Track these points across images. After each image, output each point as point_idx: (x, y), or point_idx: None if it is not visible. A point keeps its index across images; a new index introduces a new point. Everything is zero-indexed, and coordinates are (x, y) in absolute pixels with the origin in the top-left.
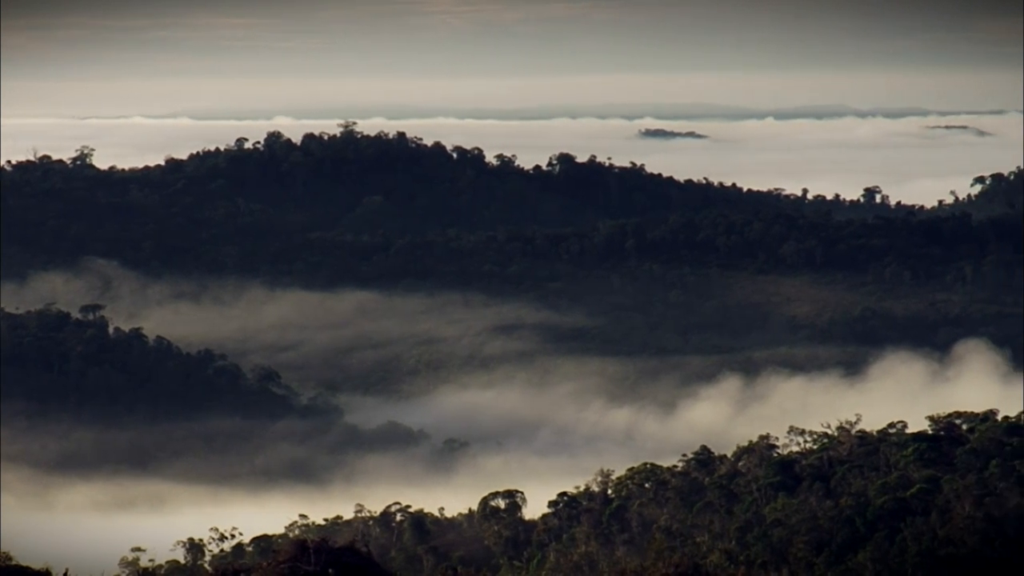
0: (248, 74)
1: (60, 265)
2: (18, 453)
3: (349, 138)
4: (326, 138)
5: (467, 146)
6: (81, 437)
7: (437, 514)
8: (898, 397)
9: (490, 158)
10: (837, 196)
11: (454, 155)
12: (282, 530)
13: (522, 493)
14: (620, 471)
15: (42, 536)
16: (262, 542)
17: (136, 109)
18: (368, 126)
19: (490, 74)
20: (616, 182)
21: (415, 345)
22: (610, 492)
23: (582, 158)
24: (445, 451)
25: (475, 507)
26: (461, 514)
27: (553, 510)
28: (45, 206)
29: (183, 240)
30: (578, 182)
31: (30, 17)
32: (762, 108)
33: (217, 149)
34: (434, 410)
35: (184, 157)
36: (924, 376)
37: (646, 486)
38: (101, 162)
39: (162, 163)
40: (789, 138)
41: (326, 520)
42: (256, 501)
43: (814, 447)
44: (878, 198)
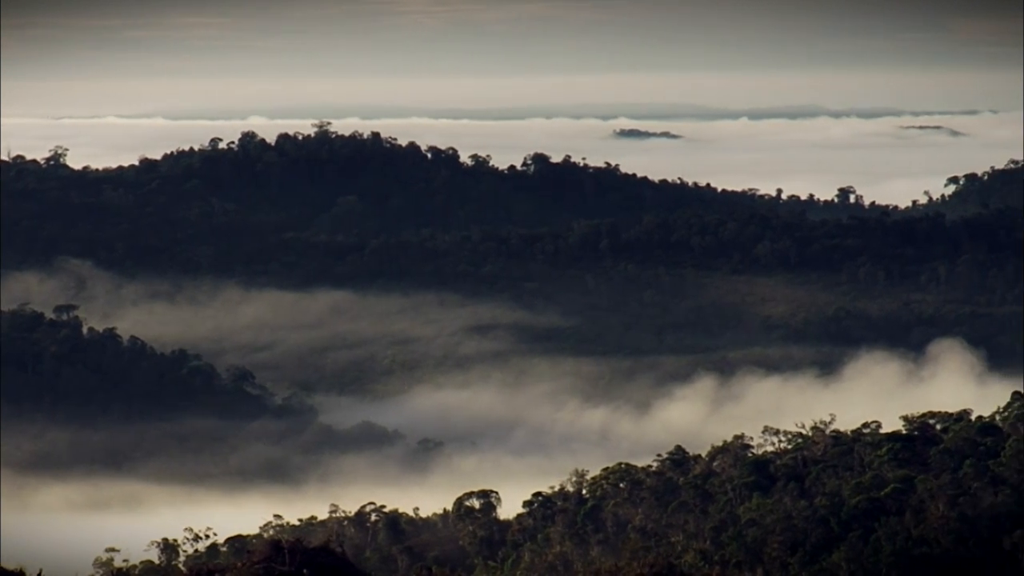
0: (222, 74)
1: (34, 265)
2: None
3: (324, 138)
4: (300, 138)
5: (442, 146)
6: (55, 437)
7: (412, 514)
8: (872, 397)
9: (465, 158)
10: (811, 196)
11: (429, 155)
12: (256, 530)
13: (497, 493)
14: (595, 471)
15: (16, 536)
16: (236, 542)
17: (110, 109)
18: (342, 126)
19: (464, 74)
20: (591, 182)
21: (390, 345)
22: (585, 492)
23: (557, 158)
24: (420, 451)
25: (450, 507)
26: (436, 514)
27: (528, 510)
28: (19, 206)
29: (157, 240)
30: (553, 182)
31: (2, 17)
32: (736, 108)
33: (191, 149)
34: (409, 410)
35: (158, 157)
36: (898, 376)
37: (621, 486)
38: (75, 162)
39: (136, 163)
40: (763, 138)
41: (300, 520)
42: (231, 501)
43: (788, 447)
44: (852, 198)
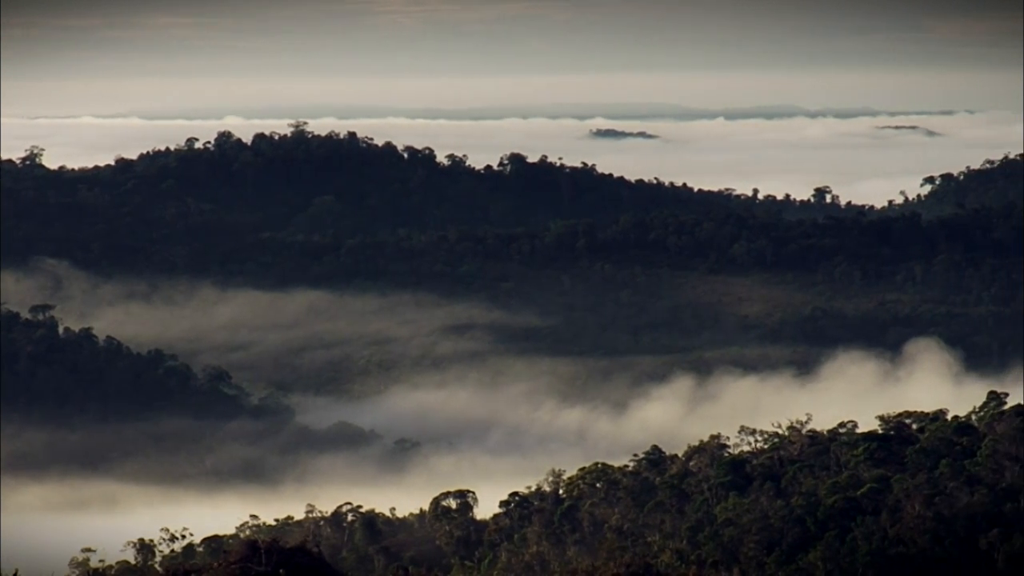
0: (198, 74)
1: (10, 265)
2: None
3: (300, 138)
4: (277, 138)
5: (418, 146)
6: (31, 437)
7: (388, 514)
8: (849, 397)
9: (441, 158)
10: (787, 196)
11: (405, 155)
12: (233, 530)
13: (473, 493)
14: (572, 471)
15: None
16: (213, 542)
17: (86, 109)
18: (319, 126)
19: (441, 74)
20: (567, 182)
21: (366, 345)
22: (561, 492)
23: (533, 158)
24: (396, 451)
25: (426, 507)
26: (412, 514)
27: (504, 510)
28: None
29: (133, 240)
30: (529, 182)
31: None
32: (713, 108)
33: (167, 149)
34: (385, 410)
35: (134, 157)
36: (875, 376)
37: (597, 486)
38: (51, 162)
39: (112, 163)
40: (740, 138)
41: (277, 520)
42: (208, 501)
43: (765, 447)
44: (828, 198)
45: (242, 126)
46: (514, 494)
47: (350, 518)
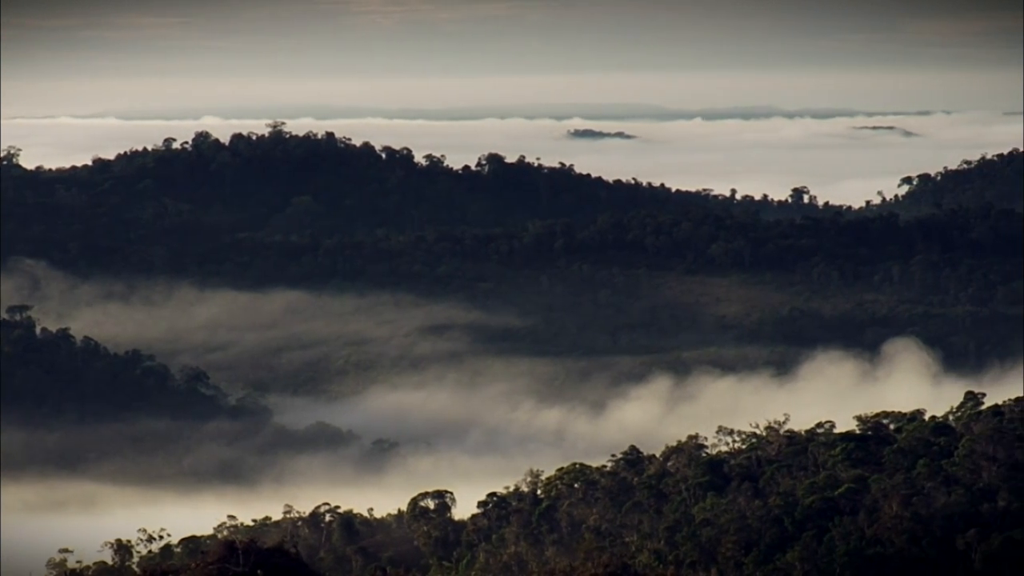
0: (176, 74)
1: None
2: None
3: (278, 138)
4: (254, 138)
5: (396, 146)
6: (9, 438)
7: (366, 515)
8: (827, 397)
9: (419, 158)
10: (765, 196)
11: (383, 155)
12: (210, 531)
13: (451, 493)
14: (550, 471)
15: None
16: (190, 543)
17: (63, 109)
18: (297, 126)
19: (419, 74)
20: (545, 182)
21: (344, 345)
22: (539, 492)
23: (511, 158)
24: (375, 451)
25: (404, 507)
26: (390, 514)
27: (483, 510)
28: None
29: (111, 240)
30: (507, 182)
31: None
32: (690, 109)
33: (145, 149)
34: (364, 411)
35: (111, 157)
36: (853, 376)
37: (575, 486)
38: (28, 162)
39: (89, 163)
40: (717, 139)
41: (255, 521)
42: (185, 502)
43: (743, 447)
44: (806, 198)
45: (220, 126)
46: (492, 494)
47: (328, 518)
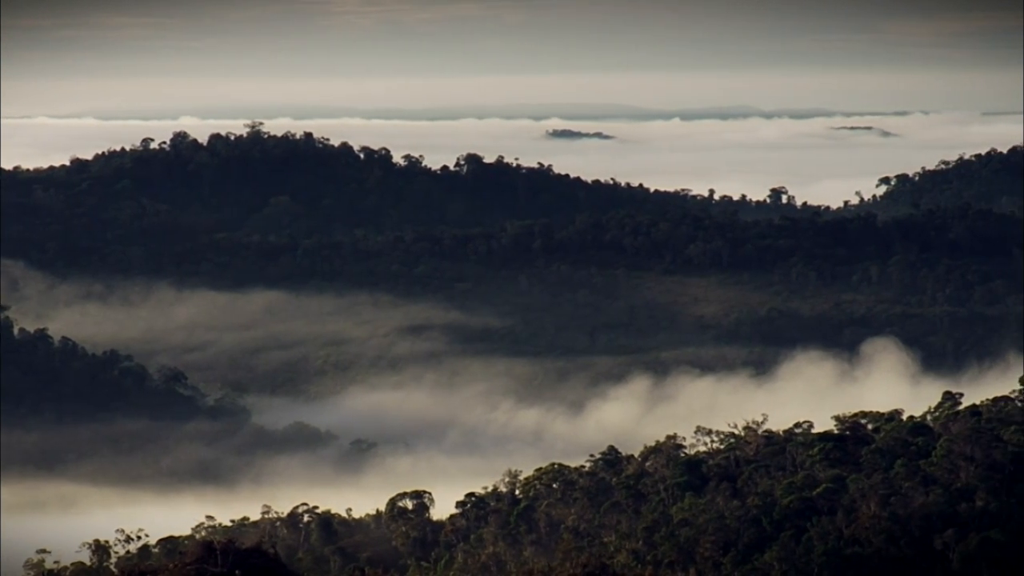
0: (154, 74)
1: None
2: None
3: (256, 138)
4: (232, 138)
5: (374, 146)
6: None
7: (344, 515)
8: (806, 397)
9: (397, 158)
10: (743, 197)
11: (361, 155)
12: (189, 531)
13: (430, 494)
14: (528, 471)
15: None
16: (169, 543)
17: (41, 109)
18: (275, 126)
19: (397, 74)
20: (523, 182)
21: (323, 346)
22: (518, 492)
23: (489, 158)
24: (353, 452)
25: (383, 508)
26: (369, 515)
27: (461, 511)
28: None
29: (89, 240)
30: (485, 182)
31: None
32: (668, 109)
33: (123, 149)
34: (342, 411)
35: (89, 157)
36: (831, 376)
37: (554, 486)
38: (6, 162)
39: (67, 163)
40: (695, 139)
41: (233, 521)
42: (164, 502)
43: (721, 447)
44: (784, 199)
45: (198, 126)
46: (470, 495)
47: (306, 519)
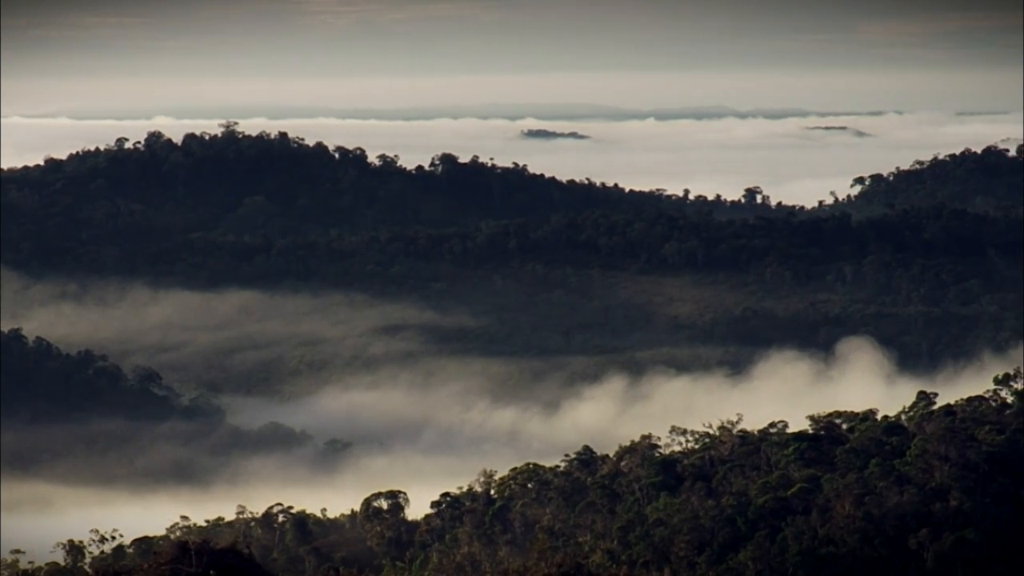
0: (128, 74)
1: None
2: None
3: (230, 138)
4: (207, 138)
5: (349, 146)
6: None
7: (319, 515)
8: (781, 397)
9: (372, 158)
10: (718, 197)
11: (336, 155)
12: (163, 531)
13: (405, 494)
14: (504, 471)
15: None
16: (143, 543)
17: (14, 109)
18: (249, 126)
19: (372, 74)
20: (498, 182)
21: (298, 346)
22: (493, 492)
23: (464, 158)
24: (328, 452)
25: (358, 508)
26: (344, 515)
27: (436, 510)
28: None
29: (63, 240)
30: (460, 182)
31: None
32: (643, 109)
33: (97, 149)
34: (317, 411)
35: (63, 157)
36: (806, 376)
37: (529, 486)
38: None
39: (41, 163)
40: (670, 139)
41: (208, 521)
42: (139, 502)
43: (696, 447)
44: (759, 198)
45: (172, 126)
46: (445, 494)
47: (281, 519)
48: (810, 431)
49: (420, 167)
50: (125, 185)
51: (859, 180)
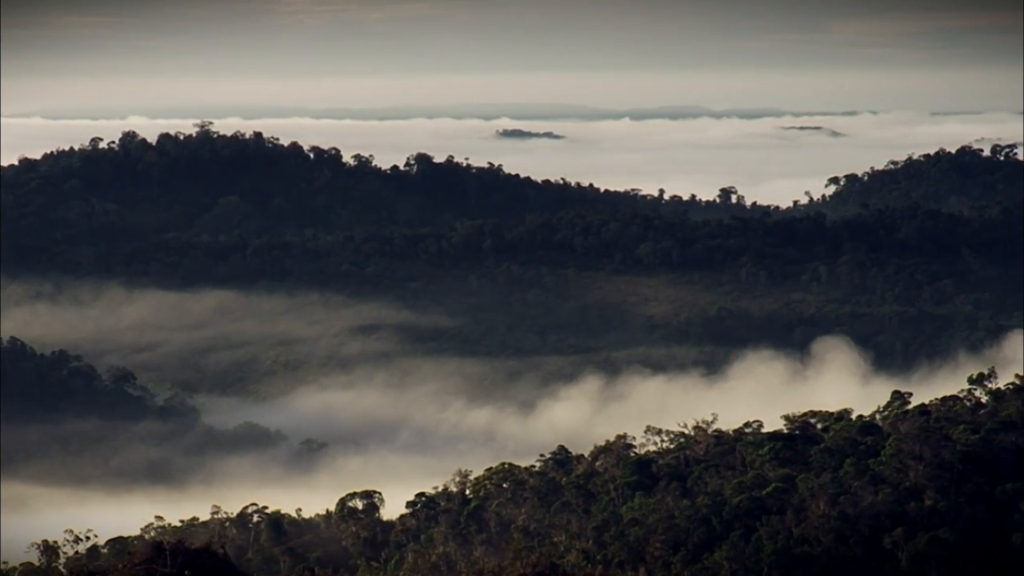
0: (102, 73)
1: None
2: None
3: (205, 138)
4: (182, 138)
5: (324, 146)
6: None
7: (294, 515)
8: (757, 397)
9: (347, 158)
10: (693, 196)
11: (311, 155)
12: (138, 531)
13: (380, 494)
14: (479, 471)
15: None
16: (117, 544)
17: None
18: (224, 126)
19: (347, 74)
20: (474, 182)
21: (273, 346)
22: (468, 492)
23: (439, 158)
24: (303, 452)
25: (333, 508)
26: (319, 515)
27: (411, 510)
28: None
29: (38, 240)
30: (435, 182)
31: None
32: (618, 108)
33: (71, 149)
34: (292, 411)
35: (38, 157)
36: (782, 375)
37: (504, 486)
38: None
39: (15, 163)
40: (645, 138)
41: (182, 521)
42: (113, 502)
43: (671, 447)
44: (734, 198)
45: (147, 126)
46: (421, 494)
47: (256, 519)
48: (785, 431)
49: (395, 167)
50: (100, 185)
51: (834, 180)
